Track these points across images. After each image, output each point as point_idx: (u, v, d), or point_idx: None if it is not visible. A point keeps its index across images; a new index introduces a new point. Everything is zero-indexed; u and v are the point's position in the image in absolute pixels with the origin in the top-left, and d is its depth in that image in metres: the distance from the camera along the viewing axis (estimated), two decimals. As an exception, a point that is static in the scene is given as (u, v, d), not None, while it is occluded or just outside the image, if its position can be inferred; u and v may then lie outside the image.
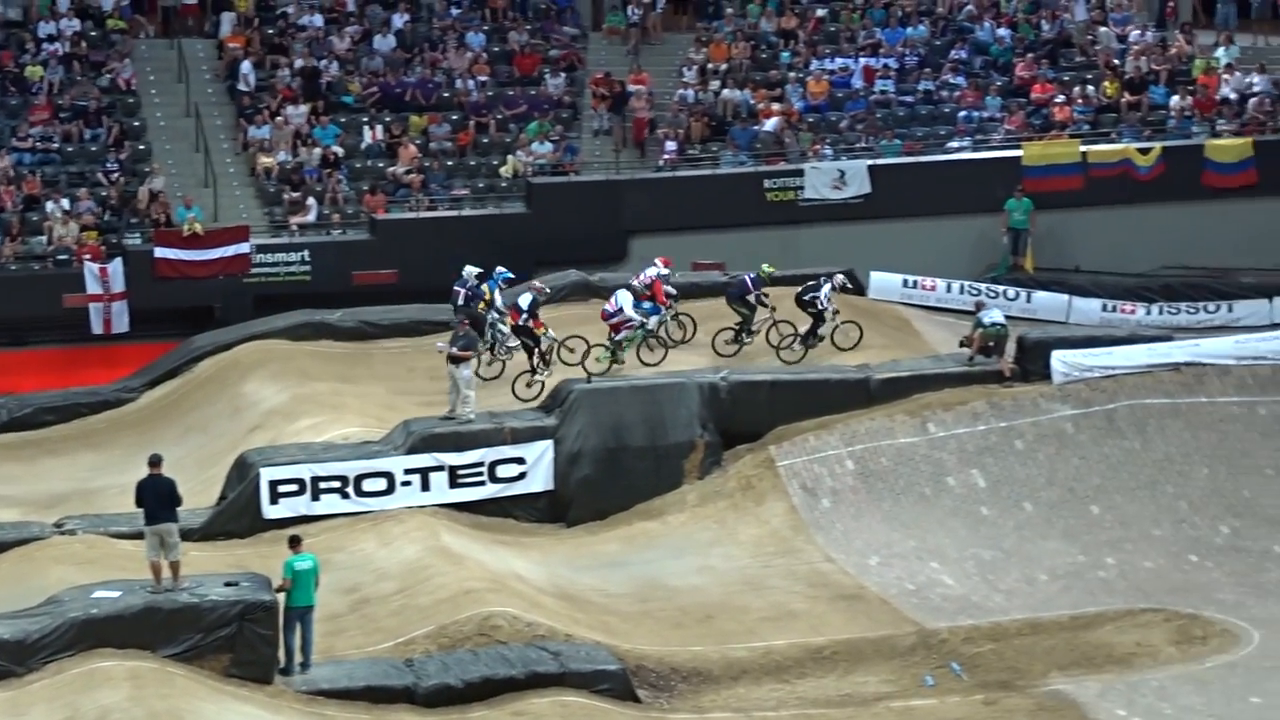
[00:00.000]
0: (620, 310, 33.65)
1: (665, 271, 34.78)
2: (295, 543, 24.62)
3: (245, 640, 23.63)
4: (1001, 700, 25.28)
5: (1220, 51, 45.48)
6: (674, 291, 34.99)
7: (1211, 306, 40.18)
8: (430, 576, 27.71)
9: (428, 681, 24.24)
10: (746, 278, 34.60)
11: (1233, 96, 43.88)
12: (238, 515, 29.27)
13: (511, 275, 34.94)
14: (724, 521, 30.61)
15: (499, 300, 34.18)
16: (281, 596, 24.13)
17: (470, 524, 29.92)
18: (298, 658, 24.16)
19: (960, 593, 28.77)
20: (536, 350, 33.29)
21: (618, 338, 33.72)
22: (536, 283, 34.47)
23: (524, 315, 33.17)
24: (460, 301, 34.16)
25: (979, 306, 34.55)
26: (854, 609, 28.06)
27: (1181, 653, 26.91)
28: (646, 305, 34.15)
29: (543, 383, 32.86)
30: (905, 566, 29.49)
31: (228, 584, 24.31)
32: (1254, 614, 28.15)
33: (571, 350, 33.48)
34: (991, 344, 33.04)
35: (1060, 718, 24.78)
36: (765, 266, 34.65)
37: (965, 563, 29.67)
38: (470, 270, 34.48)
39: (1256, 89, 44.03)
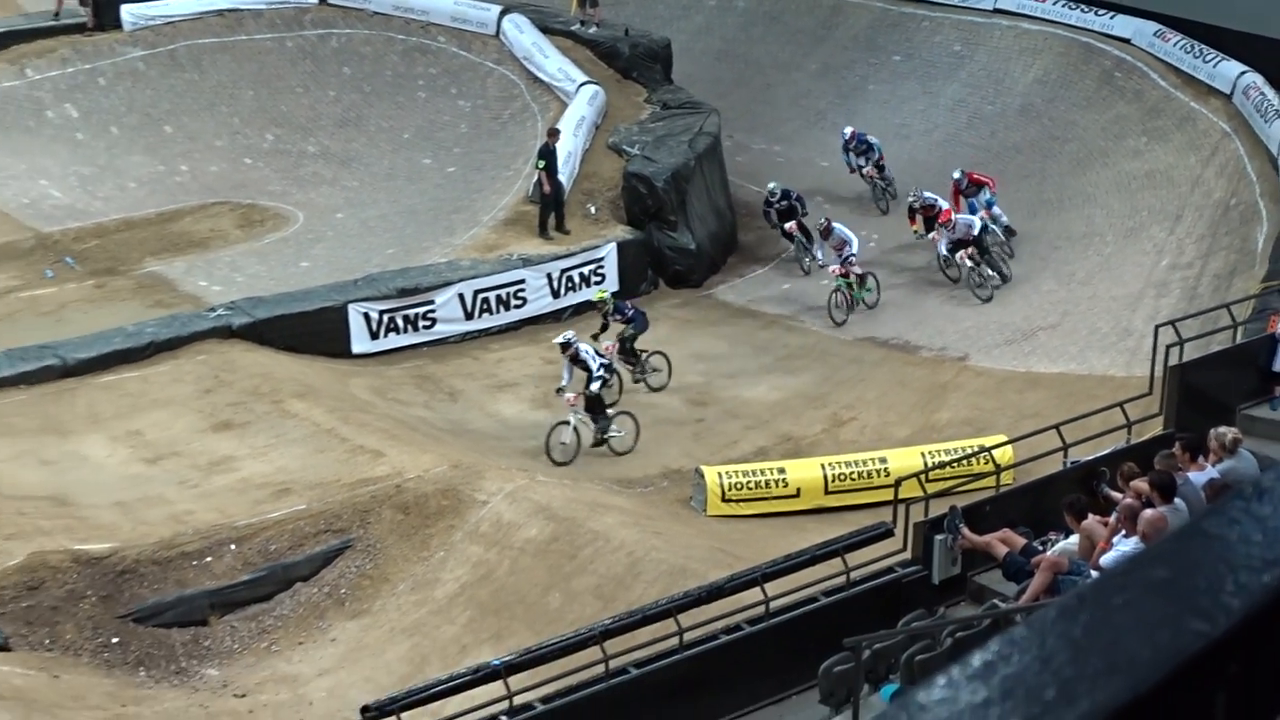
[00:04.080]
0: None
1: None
2: None
3: None
4: (109, 283, 28.38)
5: None
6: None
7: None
8: None
9: None
10: None
11: None
12: None
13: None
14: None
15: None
16: None
17: None
18: None
19: (67, 202, 31.64)
20: None
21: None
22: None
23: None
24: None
25: None
26: (-17, 225, 30.36)
27: (245, 234, 30.91)
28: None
29: None
30: (19, 185, 32.09)
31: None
32: (297, 200, 32.40)
33: None
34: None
35: (156, 292, 27.97)
36: None
37: (69, 179, 32.53)
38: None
39: None
